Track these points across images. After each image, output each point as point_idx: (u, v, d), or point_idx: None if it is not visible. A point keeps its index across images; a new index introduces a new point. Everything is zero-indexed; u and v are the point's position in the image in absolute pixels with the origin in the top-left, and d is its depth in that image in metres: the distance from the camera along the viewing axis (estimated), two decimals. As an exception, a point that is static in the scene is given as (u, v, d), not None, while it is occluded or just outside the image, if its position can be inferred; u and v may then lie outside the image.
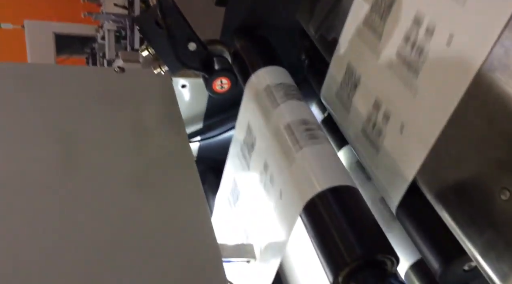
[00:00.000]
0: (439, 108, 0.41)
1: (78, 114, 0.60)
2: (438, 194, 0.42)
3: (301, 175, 0.46)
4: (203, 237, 0.48)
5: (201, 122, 0.75)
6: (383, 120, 0.48)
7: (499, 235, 0.36)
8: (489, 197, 0.36)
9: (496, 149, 0.36)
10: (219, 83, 0.57)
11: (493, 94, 0.36)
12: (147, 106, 0.63)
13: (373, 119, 0.49)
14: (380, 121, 0.48)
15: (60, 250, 0.43)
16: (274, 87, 0.54)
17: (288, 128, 0.50)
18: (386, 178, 0.48)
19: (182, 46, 0.52)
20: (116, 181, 0.52)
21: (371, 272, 0.38)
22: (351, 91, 0.53)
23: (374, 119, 0.49)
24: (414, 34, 0.43)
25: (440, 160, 0.41)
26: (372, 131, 0.49)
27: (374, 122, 0.49)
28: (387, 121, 0.47)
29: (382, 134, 0.48)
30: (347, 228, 0.40)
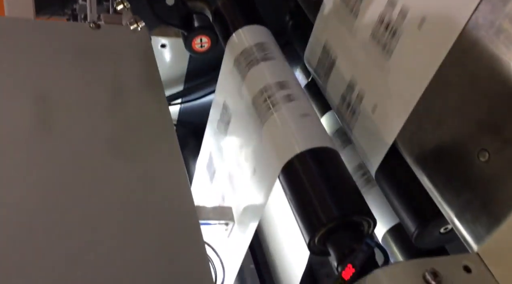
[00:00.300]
0: (419, 72, 0.40)
1: (52, 71, 0.57)
2: (417, 157, 0.41)
3: (281, 137, 0.45)
4: (180, 199, 0.47)
5: (181, 85, 0.73)
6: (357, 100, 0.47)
7: (476, 196, 0.36)
8: (468, 159, 0.36)
9: (477, 110, 0.35)
10: (199, 41, 0.55)
11: (476, 53, 0.35)
12: (124, 65, 0.61)
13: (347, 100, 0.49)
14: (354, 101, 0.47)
15: (34, 214, 0.41)
16: (254, 47, 0.52)
17: (264, 91, 0.49)
18: (367, 142, 0.47)
19: (160, 0, 0.50)
20: (91, 143, 0.50)
21: (347, 233, 0.38)
22: (328, 69, 0.52)
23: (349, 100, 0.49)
24: (389, 15, 0.42)
25: (420, 123, 0.41)
26: (350, 103, 0.49)
27: (348, 103, 0.49)
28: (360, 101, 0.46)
29: (356, 112, 0.48)
30: (324, 189, 0.40)
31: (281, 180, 0.44)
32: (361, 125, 0.47)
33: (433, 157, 0.40)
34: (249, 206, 0.51)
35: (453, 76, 0.37)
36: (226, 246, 0.54)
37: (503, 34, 0.33)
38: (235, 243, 0.54)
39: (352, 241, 0.37)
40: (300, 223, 0.40)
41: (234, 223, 0.53)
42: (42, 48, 0.59)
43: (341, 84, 0.50)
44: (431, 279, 0.31)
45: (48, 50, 0.59)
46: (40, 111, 0.52)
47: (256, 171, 0.48)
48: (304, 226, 0.40)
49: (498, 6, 0.33)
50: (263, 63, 0.50)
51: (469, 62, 0.36)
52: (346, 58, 0.50)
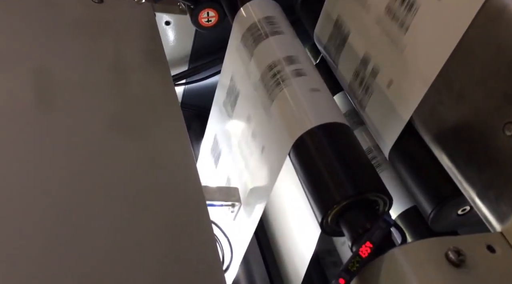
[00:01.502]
0: (438, 46, 0.38)
1: (53, 45, 0.55)
2: (436, 133, 0.39)
3: (291, 113, 0.43)
4: (186, 178, 0.46)
5: (186, 65, 0.71)
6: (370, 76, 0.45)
7: (500, 173, 0.34)
8: (492, 133, 0.34)
9: (502, 82, 0.33)
10: (206, 15, 0.52)
11: (503, 21, 0.33)
12: (127, 41, 0.59)
13: (361, 75, 0.47)
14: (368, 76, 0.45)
15: (39, 192, 0.40)
16: (262, 21, 0.50)
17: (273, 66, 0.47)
18: (381, 119, 0.45)
19: (166, -29, 0.48)
20: (95, 120, 0.48)
21: (362, 211, 0.36)
22: (340, 44, 0.50)
23: (362, 75, 0.46)
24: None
25: (440, 97, 0.38)
26: (364, 78, 0.47)
27: (362, 78, 0.47)
28: (375, 76, 0.44)
29: (370, 88, 0.45)
30: (337, 165, 0.38)
31: (292, 157, 0.42)
32: (375, 101, 0.45)
33: (454, 133, 0.38)
34: (257, 187, 0.49)
35: (477, 47, 0.35)
36: (232, 229, 0.52)
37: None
38: (241, 226, 0.52)
39: (367, 220, 0.35)
40: (312, 201, 0.38)
41: (240, 205, 0.51)
42: (43, 21, 0.57)
43: (354, 60, 0.48)
44: (454, 258, 0.29)
45: (49, 23, 0.57)
46: (42, 86, 0.50)
47: (265, 149, 0.46)
48: (316, 204, 0.38)
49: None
50: (272, 38, 0.48)
51: (495, 30, 0.34)
52: (359, 33, 0.48)
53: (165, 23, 0.65)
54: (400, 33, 0.41)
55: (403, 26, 0.41)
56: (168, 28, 0.66)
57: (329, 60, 0.55)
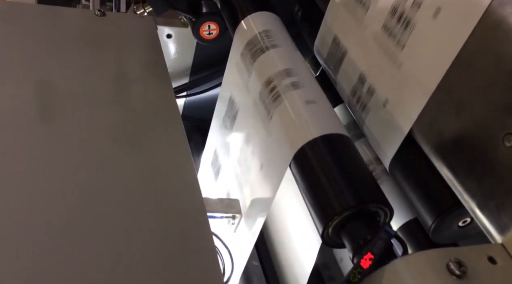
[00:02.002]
0: (435, 62, 0.38)
1: (56, 58, 0.56)
2: (436, 144, 0.39)
3: (289, 126, 0.44)
4: (187, 189, 0.46)
5: (187, 77, 0.72)
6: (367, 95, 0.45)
7: (500, 183, 0.34)
8: (492, 144, 0.34)
9: (502, 92, 0.34)
10: (207, 28, 0.53)
11: (501, 33, 0.33)
12: (129, 53, 0.59)
13: (357, 94, 0.47)
14: (364, 96, 0.46)
15: (38, 205, 0.40)
16: (259, 35, 0.50)
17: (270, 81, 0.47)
18: (381, 131, 0.46)
19: (168, -16, 0.48)
20: (96, 131, 0.48)
21: (363, 222, 0.36)
22: (338, 63, 0.51)
23: (359, 94, 0.47)
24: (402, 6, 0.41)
25: (440, 109, 0.39)
26: (361, 97, 0.47)
27: (358, 97, 0.47)
28: (371, 95, 0.45)
29: (366, 108, 0.46)
30: (338, 176, 0.38)
31: (293, 169, 0.42)
32: (373, 117, 0.46)
33: (454, 144, 0.38)
34: (257, 199, 0.49)
35: (476, 58, 0.35)
36: (233, 241, 0.52)
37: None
38: (241, 238, 0.52)
39: (368, 231, 0.35)
40: (313, 212, 0.38)
41: (241, 217, 0.51)
42: (46, 34, 0.58)
43: (351, 78, 0.48)
44: (455, 269, 0.29)
45: (52, 36, 0.58)
46: (44, 98, 0.51)
47: (263, 166, 0.47)
48: (317, 215, 0.38)
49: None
50: (270, 51, 0.49)
51: (494, 41, 0.34)
52: (357, 51, 0.48)
53: (166, 36, 0.65)
54: (397, 50, 0.41)
55: (400, 43, 0.41)
56: (170, 41, 0.66)
57: (329, 73, 0.56)
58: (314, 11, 0.58)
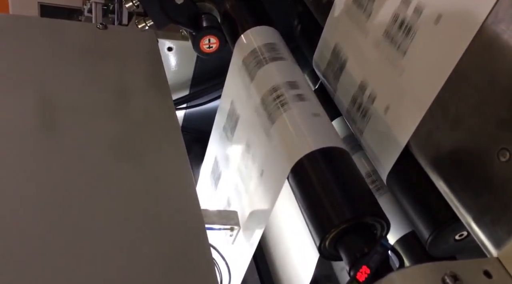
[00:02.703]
0: (435, 70, 0.39)
1: (57, 70, 0.56)
2: (432, 158, 0.40)
3: (291, 136, 0.44)
4: (186, 202, 0.46)
5: (187, 89, 0.72)
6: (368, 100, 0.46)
7: (495, 198, 0.34)
8: (487, 159, 0.35)
9: (497, 108, 0.34)
10: (207, 42, 0.54)
11: (496, 49, 0.34)
12: (130, 66, 0.60)
13: (358, 101, 0.48)
14: (365, 102, 0.46)
15: (39, 216, 0.40)
16: (263, 47, 0.51)
17: (274, 90, 0.48)
18: (378, 144, 0.46)
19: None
20: (96, 144, 0.49)
21: (360, 235, 0.36)
22: (338, 71, 0.51)
23: (360, 101, 0.48)
24: (403, 13, 0.41)
25: (436, 122, 0.39)
26: (362, 104, 0.48)
27: (359, 104, 0.48)
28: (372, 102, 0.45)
29: (368, 113, 0.46)
30: (336, 189, 0.38)
31: (290, 181, 0.42)
32: (373, 127, 0.46)
33: (450, 158, 0.38)
34: (256, 210, 0.50)
35: (472, 73, 0.36)
36: (231, 253, 0.52)
37: (525, 28, 0.32)
38: (240, 250, 0.52)
39: (365, 244, 0.35)
40: (310, 224, 0.39)
41: (239, 228, 0.51)
42: (48, 47, 0.58)
43: (352, 86, 0.49)
44: (451, 283, 0.30)
45: (54, 48, 0.59)
46: (45, 111, 0.51)
47: (264, 172, 0.47)
48: (314, 227, 0.38)
49: (520, -1, 0.32)
50: (273, 63, 0.49)
51: (489, 58, 0.35)
52: (358, 58, 0.49)
53: (167, 49, 0.66)
54: (398, 57, 0.42)
55: (401, 49, 0.42)
56: (170, 54, 0.67)
57: (327, 86, 0.56)
58: (313, 26, 0.59)
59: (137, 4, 0.51)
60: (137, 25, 0.53)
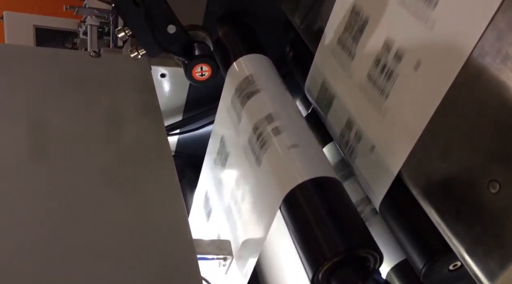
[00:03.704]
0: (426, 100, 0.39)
1: (50, 99, 0.56)
2: (423, 188, 0.40)
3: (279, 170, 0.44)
4: (177, 232, 0.46)
5: (180, 115, 0.72)
6: (354, 139, 0.46)
7: (487, 230, 0.34)
8: (478, 190, 0.35)
9: (485, 140, 0.34)
10: (199, 70, 0.54)
11: (483, 82, 0.34)
12: (123, 94, 0.60)
13: (345, 138, 0.48)
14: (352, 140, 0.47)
15: (28, 249, 0.39)
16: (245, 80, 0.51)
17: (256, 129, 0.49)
18: (370, 173, 0.46)
19: (161, 28, 0.50)
20: (88, 172, 0.48)
21: (353, 268, 0.36)
22: (326, 107, 0.52)
23: (347, 139, 0.48)
24: (384, 58, 0.42)
25: (427, 152, 0.39)
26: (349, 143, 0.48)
27: (346, 142, 0.48)
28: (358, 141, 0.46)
29: (354, 151, 0.47)
30: (328, 221, 0.38)
31: (283, 212, 0.42)
32: (362, 161, 0.46)
33: (441, 188, 0.38)
34: (249, 240, 0.49)
35: (459, 105, 0.36)
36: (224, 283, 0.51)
37: (511, 61, 0.32)
38: (233, 280, 0.51)
39: (358, 277, 0.35)
40: (303, 257, 0.38)
41: (232, 258, 0.51)
42: (41, 75, 0.59)
43: (340, 121, 0.49)
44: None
45: (47, 77, 0.59)
46: (37, 139, 0.51)
47: (255, 206, 0.47)
48: (307, 260, 0.38)
49: (504, 32, 0.33)
50: (255, 97, 0.50)
51: (476, 90, 0.35)
52: (344, 97, 0.49)
53: (160, 75, 0.67)
54: (381, 99, 0.42)
55: (384, 93, 0.42)
56: (164, 80, 0.68)
57: (319, 113, 0.57)
58: (304, 52, 0.59)
59: (129, 34, 0.51)
60: (130, 54, 0.54)
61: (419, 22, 0.39)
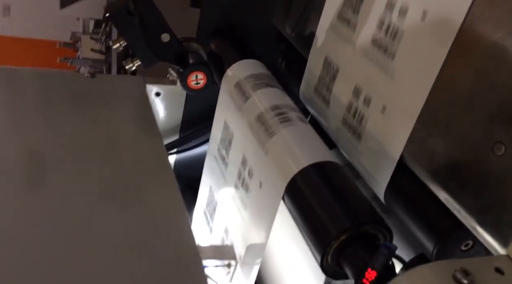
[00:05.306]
0: (421, 76, 0.39)
1: (47, 121, 0.56)
2: (427, 165, 0.39)
3: (280, 158, 0.44)
4: (181, 239, 0.45)
5: (177, 134, 0.72)
6: (364, 105, 0.46)
7: (495, 195, 0.33)
8: (483, 155, 0.34)
9: (485, 103, 0.34)
10: (195, 78, 0.55)
11: (478, 47, 0.35)
12: (119, 114, 0.60)
13: (354, 105, 0.48)
14: (361, 106, 0.46)
15: (32, 268, 0.38)
16: (248, 78, 0.52)
17: (260, 117, 0.48)
18: (372, 161, 0.45)
19: (155, 37, 0.51)
20: (89, 194, 0.48)
21: (362, 246, 0.35)
22: (331, 82, 0.52)
23: (356, 106, 0.47)
24: (388, 18, 0.42)
25: (427, 128, 0.39)
26: (353, 119, 0.48)
27: (355, 109, 0.48)
28: (368, 105, 0.45)
29: (364, 118, 0.46)
30: (332, 201, 0.37)
31: (286, 201, 0.41)
32: (365, 144, 0.45)
33: (445, 162, 0.38)
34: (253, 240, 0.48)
35: (456, 75, 0.36)
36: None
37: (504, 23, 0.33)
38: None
39: (368, 254, 0.34)
40: (310, 242, 0.37)
41: (236, 263, 0.49)
42: (37, 98, 0.59)
43: (345, 93, 0.48)
44: (462, 278, 0.28)
45: (43, 99, 0.59)
46: (36, 162, 0.51)
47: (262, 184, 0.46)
48: (314, 243, 0.36)
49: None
50: (260, 91, 0.50)
51: (471, 57, 0.35)
52: (347, 70, 0.48)
53: (155, 94, 0.67)
54: (388, 61, 0.42)
55: (390, 53, 0.42)
56: (159, 99, 0.68)
57: (317, 117, 0.57)
58: (297, 60, 0.60)
59: (124, 45, 0.52)
60: (125, 66, 0.54)
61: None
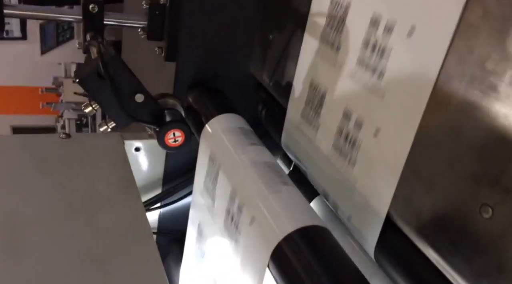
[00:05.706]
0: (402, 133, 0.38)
1: (22, 186, 0.54)
2: (415, 225, 0.38)
3: (265, 223, 0.42)
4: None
5: (160, 188, 0.70)
6: (355, 128, 0.44)
7: (489, 259, 0.32)
8: (470, 218, 0.33)
9: (467, 164, 0.33)
10: (172, 136, 0.53)
11: (453, 106, 0.34)
12: (97, 173, 0.58)
13: (344, 131, 0.46)
14: (352, 129, 0.44)
15: None
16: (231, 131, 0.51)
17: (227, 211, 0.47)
18: (360, 218, 0.44)
19: (128, 98, 0.49)
20: (67, 259, 0.46)
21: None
22: (318, 107, 0.50)
23: (346, 130, 0.45)
24: (373, 39, 0.41)
25: (412, 187, 0.38)
26: (344, 143, 0.45)
27: (346, 133, 0.46)
28: (359, 128, 0.43)
29: (356, 144, 0.44)
30: (321, 273, 0.35)
31: (271, 270, 0.39)
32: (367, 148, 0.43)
33: (433, 222, 0.36)
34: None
35: (435, 134, 0.35)
36: None
37: (477, 81, 0.32)
38: None
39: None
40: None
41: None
42: (12, 163, 0.57)
43: (335, 116, 0.46)
44: None
45: (18, 164, 0.57)
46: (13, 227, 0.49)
47: (242, 263, 0.44)
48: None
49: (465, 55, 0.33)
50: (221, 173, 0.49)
51: (448, 115, 0.34)
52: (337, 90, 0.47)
53: (135, 149, 0.65)
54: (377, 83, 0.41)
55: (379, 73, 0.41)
56: (139, 154, 0.66)
57: (300, 166, 0.55)
58: (276, 109, 0.59)
59: (96, 108, 0.51)
60: (99, 128, 0.53)
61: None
